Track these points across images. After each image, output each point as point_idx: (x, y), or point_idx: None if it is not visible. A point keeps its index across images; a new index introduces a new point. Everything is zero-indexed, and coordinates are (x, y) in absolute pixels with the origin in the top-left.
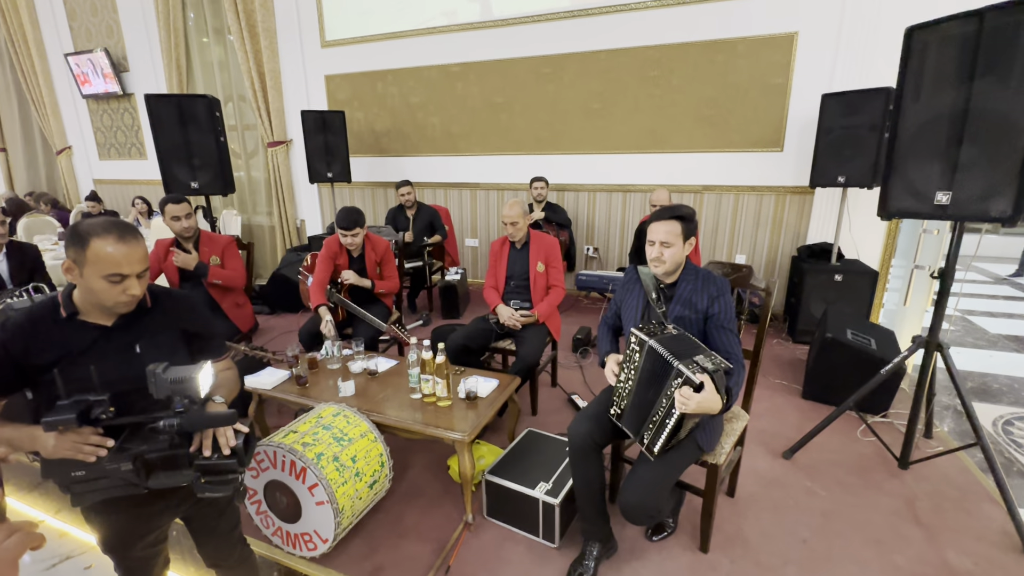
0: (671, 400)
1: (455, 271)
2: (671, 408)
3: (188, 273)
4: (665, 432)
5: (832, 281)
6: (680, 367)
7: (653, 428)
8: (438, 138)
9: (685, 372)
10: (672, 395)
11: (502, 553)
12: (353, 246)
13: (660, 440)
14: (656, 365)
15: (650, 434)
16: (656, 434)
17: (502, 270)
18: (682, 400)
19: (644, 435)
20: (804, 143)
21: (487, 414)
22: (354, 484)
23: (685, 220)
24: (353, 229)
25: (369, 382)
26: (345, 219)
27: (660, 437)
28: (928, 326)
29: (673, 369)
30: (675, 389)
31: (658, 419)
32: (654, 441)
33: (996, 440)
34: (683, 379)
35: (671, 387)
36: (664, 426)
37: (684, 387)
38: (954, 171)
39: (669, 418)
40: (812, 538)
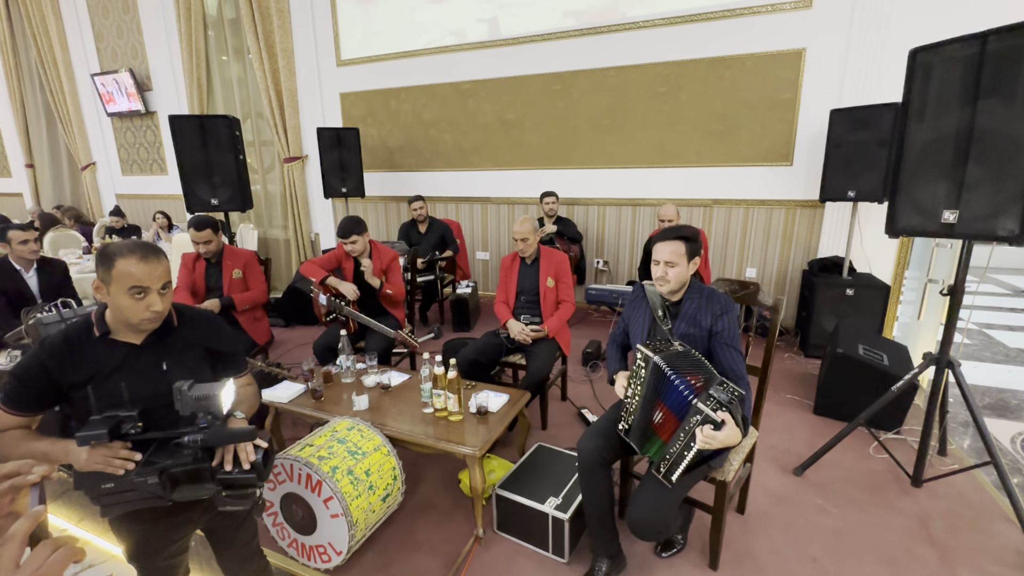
0: (691, 435)
1: (466, 284)
2: (690, 442)
3: (211, 283)
4: (683, 464)
5: (844, 295)
6: (700, 406)
7: (671, 460)
8: (450, 153)
9: (705, 411)
10: (691, 431)
11: (512, 568)
12: (355, 253)
13: (678, 471)
14: (660, 384)
15: (667, 465)
16: (673, 465)
17: (512, 285)
18: (705, 441)
19: (661, 465)
20: (814, 157)
21: (498, 429)
22: (367, 497)
23: (689, 240)
24: (350, 237)
25: (382, 396)
26: (343, 228)
27: (678, 469)
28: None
29: (692, 408)
30: (694, 426)
31: (676, 451)
32: (671, 471)
33: (1015, 458)
34: (703, 416)
35: (690, 423)
36: (682, 458)
37: (705, 425)
38: (960, 190)
39: (688, 451)
40: (823, 557)
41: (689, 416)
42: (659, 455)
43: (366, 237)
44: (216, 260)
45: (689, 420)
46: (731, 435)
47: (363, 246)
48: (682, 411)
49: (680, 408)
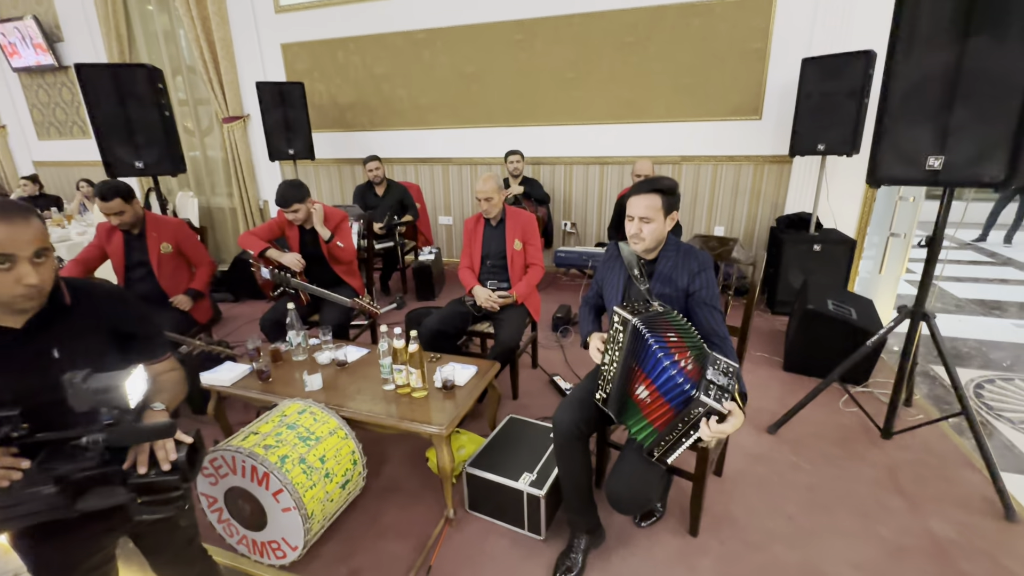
0: (691, 425)
1: (429, 251)
2: (690, 431)
3: (134, 259)
4: (681, 449)
5: (811, 251)
6: (704, 400)
7: (666, 445)
8: (406, 111)
9: (710, 404)
10: (693, 421)
11: (486, 548)
12: (298, 220)
13: (674, 455)
14: (638, 349)
15: (663, 449)
16: (669, 451)
17: (477, 249)
18: (712, 432)
19: (655, 450)
20: (783, 111)
21: (466, 404)
22: (324, 486)
23: (666, 193)
24: (291, 206)
25: (338, 374)
26: (281, 196)
27: (673, 453)
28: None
29: (693, 400)
30: (697, 418)
31: (673, 437)
32: (666, 456)
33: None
34: (706, 410)
35: (691, 415)
36: (679, 444)
37: (714, 424)
38: (946, 135)
39: (687, 438)
40: (798, 514)
41: (690, 408)
42: (651, 440)
43: (309, 203)
44: (139, 231)
45: (690, 412)
46: (737, 423)
47: (306, 213)
48: (678, 400)
49: (677, 399)
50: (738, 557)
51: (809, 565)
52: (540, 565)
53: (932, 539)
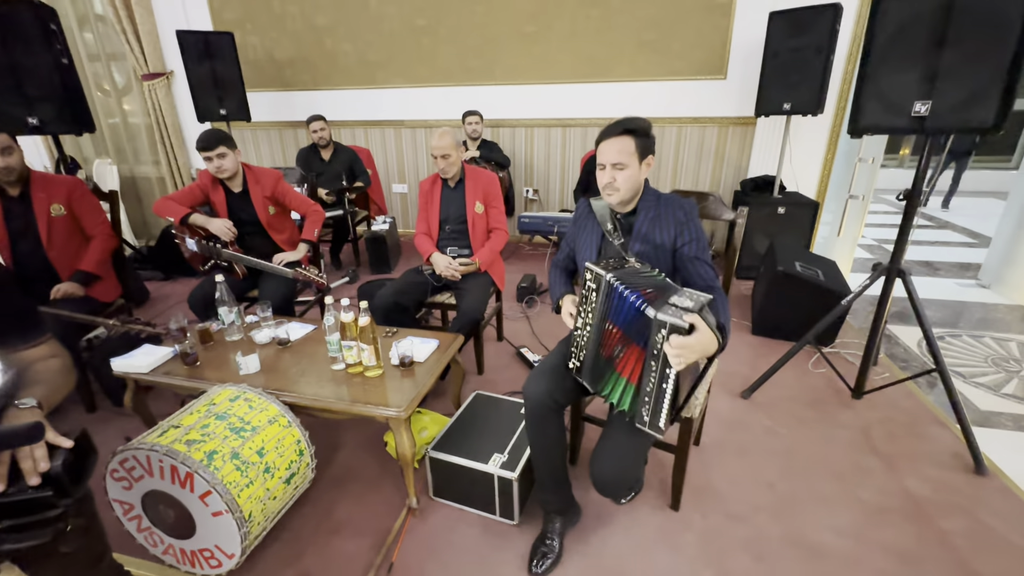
0: (662, 359)
1: (382, 220)
2: (665, 369)
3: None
4: (666, 401)
5: (775, 214)
6: (661, 317)
7: (651, 400)
8: (352, 68)
9: (669, 320)
10: (661, 353)
11: (454, 538)
12: (223, 172)
13: (663, 413)
14: (615, 306)
15: (649, 408)
16: (657, 406)
17: (434, 213)
18: (676, 352)
19: (643, 412)
20: (748, 70)
21: (427, 382)
22: (263, 483)
23: (639, 135)
24: (216, 148)
25: (280, 354)
26: (203, 138)
27: (662, 409)
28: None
29: (652, 322)
30: (662, 344)
31: (653, 387)
32: (656, 416)
33: (923, 360)
34: (668, 328)
35: (657, 344)
36: (663, 394)
37: (673, 336)
38: (934, 79)
39: (666, 382)
40: (778, 481)
41: (653, 335)
42: (634, 403)
43: (237, 155)
44: (20, 192)
45: (655, 340)
46: (705, 340)
47: (234, 165)
48: (644, 334)
49: (642, 332)
50: (722, 531)
51: (793, 534)
52: (515, 553)
53: (910, 498)
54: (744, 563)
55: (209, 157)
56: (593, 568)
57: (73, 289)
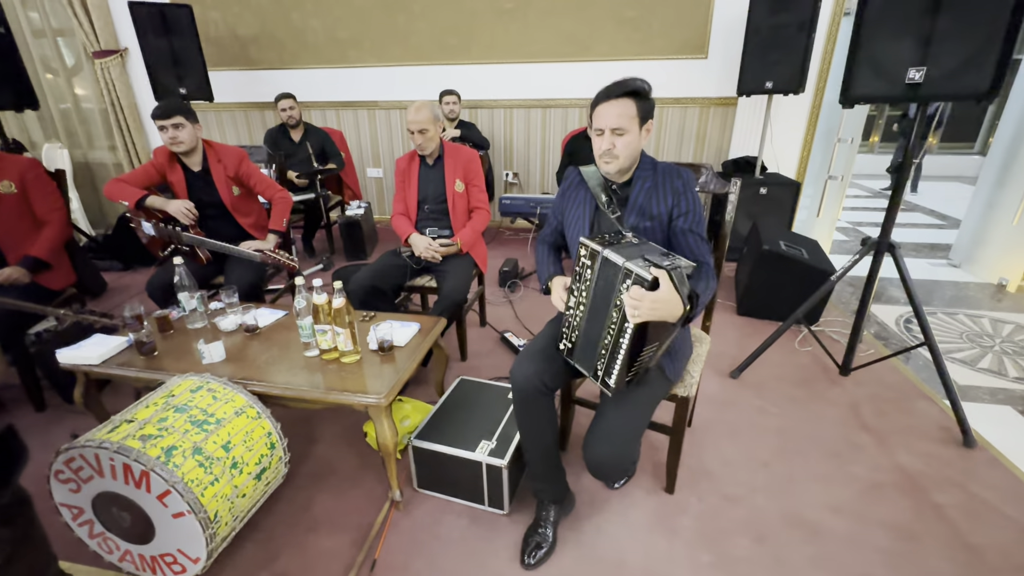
0: (621, 312)
1: (358, 205)
2: (624, 322)
3: None
4: (620, 356)
5: (757, 195)
6: (628, 265)
7: (606, 354)
8: (322, 46)
9: (634, 270)
10: (621, 304)
11: (440, 531)
12: (179, 144)
13: (616, 368)
14: (609, 281)
15: (603, 363)
16: (610, 362)
17: (412, 192)
18: (633, 302)
19: (597, 367)
20: (729, 50)
21: (408, 367)
22: (230, 480)
23: (641, 97)
24: (172, 117)
25: (247, 342)
26: (160, 107)
27: (615, 365)
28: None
29: (620, 270)
30: (622, 292)
31: (610, 340)
32: (608, 371)
33: (902, 337)
34: (632, 278)
35: (619, 293)
36: (618, 348)
37: (634, 287)
38: (928, 44)
39: (623, 336)
40: (773, 461)
41: (618, 284)
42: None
43: (198, 129)
44: None
45: (619, 288)
46: (664, 299)
47: (191, 138)
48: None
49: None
50: (719, 512)
51: (792, 514)
52: (506, 544)
53: (903, 473)
54: (744, 545)
55: (164, 127)
56: (588, 556)
57: (18, 275)
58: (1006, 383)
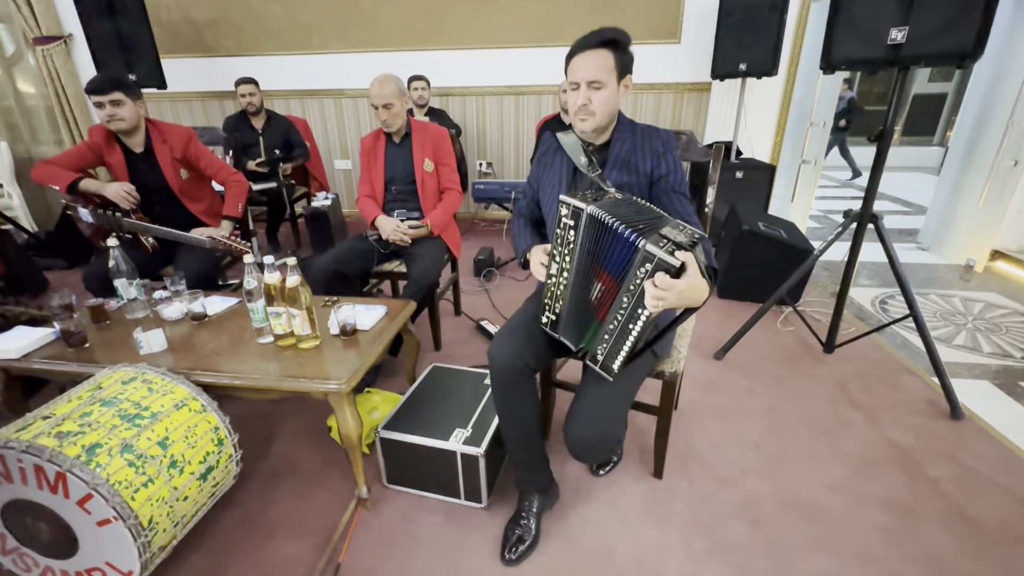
0: (636, 296)
1: (324, 196)
2: (637, 308)
3: None
4: (628, 341)
5: (733, 179)
6: (650, 248)
7: (610, 339)
8: (283, 31)
9: (657, 254)
10: (639, 288)
11: (413, 529)
12: (119, 122)
13: (622, 353)
14: (601, 243)
15: (605, 347)
16: (615, 346)
17: (378, 172)
18: (659, 294)
19: (598, 350)
20: (702, 34)
21: (373, 351)
22: (168, 480)
23: (620, 48)
24: (111, 93)
25: (195, 331)
26: (96, 81)
27: (621, 349)
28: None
29: (639, 252)
30: (643, 279)
31: (617, 325)
32: (612, 356)
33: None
34: (654, 263)
35: (636, 277)
36: (627, 333)
37: (658, 274)
38: (911, 3)
39: (634, 322)
40: (763, 441)
41: (634, 268)
42: (592, 340)
43: (140, 107)
44: None
45: (635, 272)
46: (695, 285)
47: (132, 116)
48: (624, 268)
49: (622, 266)
50: (712, 496)
51: (786, 495)
52: (485, 539)
53: (895, 448)
54: (740, 529)
55: (101, 103)
56: (575, 548)
57: None
58: (982, 358)
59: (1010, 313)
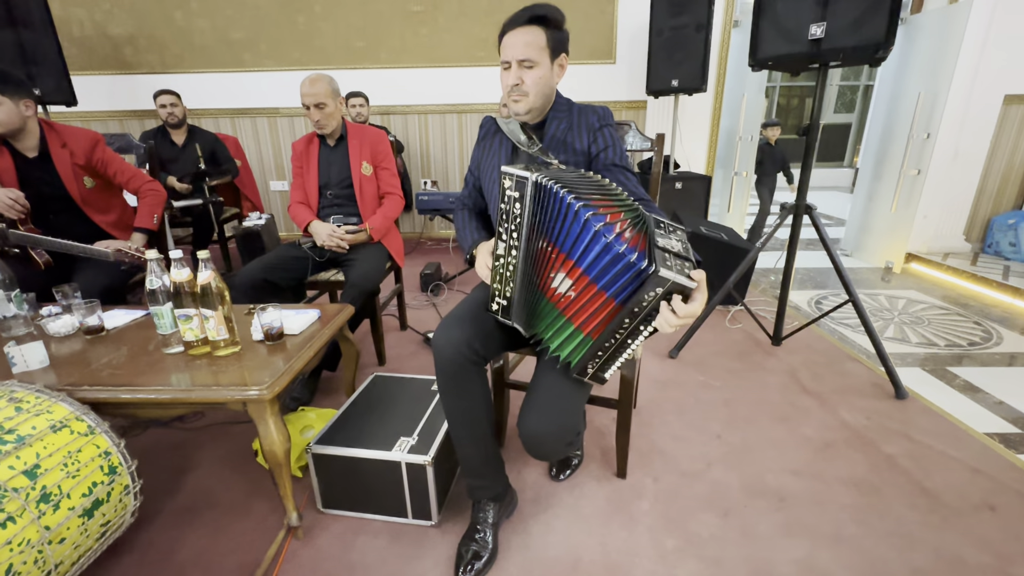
0: (644, 315)
1: (258, 216)
2: (640, 326)
3: None
4: (623, 357)
5: (673, 190)
6: (665, 274)
7: (605, 355)
8: (212, 47)
9: (671, 278)
10: (647, 309)
11: (352, 557)
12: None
13: (613, 366)
14: (550, 215)
15: (597, 363)
16: (607, 362)
17: (312, 177)
18: (677, 323)
19: (588, 366)
20: (635, 54)
21: (303, 356)
22: (37, 518)
23: (551, 26)
24: None
25: (88, 346)
26: None
27: (613, 363)
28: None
29: (651, 278)
30: (653, 302)
31: (613, 344)
32: (604, 369)
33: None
34: (668, 287)
35: (645, 300)
36: (623, 349)
37: (676, 301)
38: (826, 1)
39: (634, 338)
40: (724, 432)
41: (644, 291)
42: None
43: (26, 107)
44: None
45: (643, 297)
46: (703, 300)
47: (14, 119)
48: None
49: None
50: (678, 491)
51: (753, 483)
52: (436, 560)
53: (850, 430)
54: (710, 522)
55: None
56: (538, 560)
57: None
58: (911, 348)
59: (929, 307)
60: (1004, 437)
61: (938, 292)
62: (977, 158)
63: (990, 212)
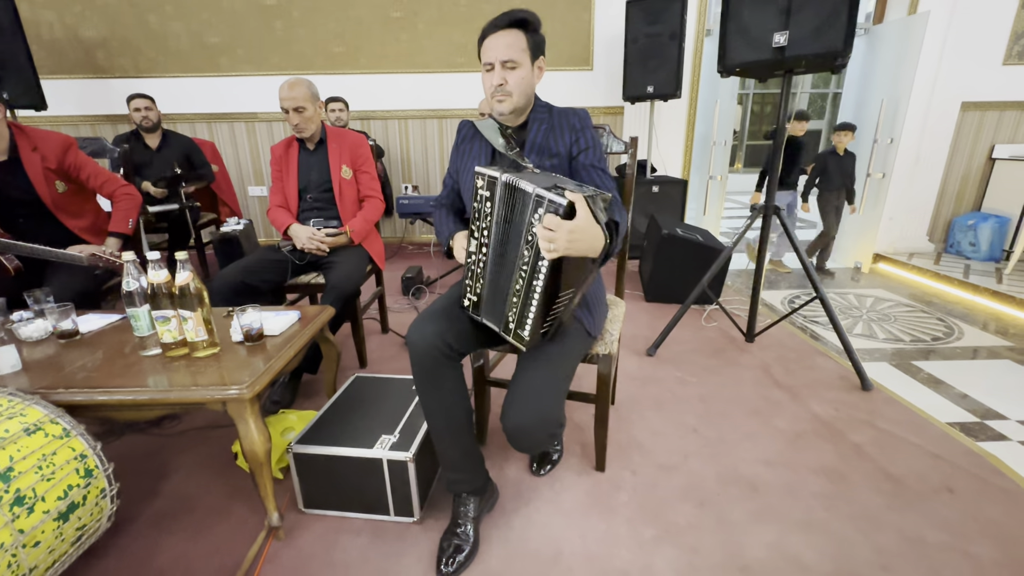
0: (534, 248)
1: (236, 221)
2: (537, 260)
3: None
4: (535, 302)
5: (650, 193)
6: (540, 191)
7: (518, 301)
8: (187, 52)
9: (546, 196)
10: (534, 238)
11: (334, 556)
12: None
13: (530, 317)
14: (518, 212)
15: (515, 312)
16: (523, 309)
17: (292, 181)
18: (548, 234)
19: (508, 318)
20: (612, 61)
21: (283, 355)
22: (10, 521)
23: (530, 29)
24: None
25: (62, 350)
26: None
27: (529, 312)
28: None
29: (531, 198)
30: (535, 224)
31: (522, 284)
32: (521, 321)
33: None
34: (545, 206)
35: (531, 225)
36: (532, 292)
37: (547, 216)
38: (788, 12)
39: (537, 277)
40: (700, 426)
41: (528, 216)
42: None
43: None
44: None
45: (528, 222)
46: (583, 227)
47: None
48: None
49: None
50: (655, 483)
51: (727, 473)
52: (419, 556)
53: (820, 421)
54: (687, 512)
55: None
56: (519, 552)
57: None
58: (878, 343)
59: (895, 305)
60: (963, 426)
61: (904, 290)
62: (938, 162)
63: (951, 213)
